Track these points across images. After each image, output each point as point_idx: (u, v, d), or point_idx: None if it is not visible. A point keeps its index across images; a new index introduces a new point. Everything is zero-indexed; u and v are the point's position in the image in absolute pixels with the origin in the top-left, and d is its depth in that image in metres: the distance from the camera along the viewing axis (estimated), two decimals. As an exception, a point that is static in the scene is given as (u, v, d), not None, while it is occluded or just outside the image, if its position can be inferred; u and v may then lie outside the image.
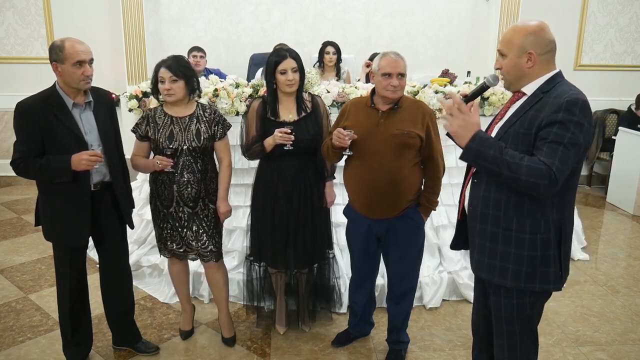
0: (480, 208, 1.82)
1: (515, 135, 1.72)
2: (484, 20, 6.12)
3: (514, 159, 1.63)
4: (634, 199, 5.22)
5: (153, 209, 2.69)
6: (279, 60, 2.55)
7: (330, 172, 2.76)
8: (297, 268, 2.77)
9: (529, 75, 1.77)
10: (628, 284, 3.71)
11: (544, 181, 1.60)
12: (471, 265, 1.94)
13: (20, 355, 2.75)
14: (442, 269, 3.42)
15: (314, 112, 2.66)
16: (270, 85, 2.62)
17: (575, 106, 1.63)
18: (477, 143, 1.66)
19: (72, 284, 2.51)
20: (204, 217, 2.65)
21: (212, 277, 2.80)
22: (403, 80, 2.39)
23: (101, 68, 3.59)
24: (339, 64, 4.95)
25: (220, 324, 2.90)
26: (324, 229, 2.80)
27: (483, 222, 1.82)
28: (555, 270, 1.77)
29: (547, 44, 1.74)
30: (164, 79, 2.50)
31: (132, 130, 2.63)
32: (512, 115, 1.78)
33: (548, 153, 1.62)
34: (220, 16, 6.01)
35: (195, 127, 2.57)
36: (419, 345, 2.89)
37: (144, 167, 2.65)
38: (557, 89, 1.71)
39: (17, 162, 2.31)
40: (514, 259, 1.77)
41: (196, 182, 2.58)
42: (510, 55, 1.76)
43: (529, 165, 1.61)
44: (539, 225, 1.74)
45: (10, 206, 5.22)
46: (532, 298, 1.82)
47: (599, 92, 6.29)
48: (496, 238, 1.79)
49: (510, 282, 1.79)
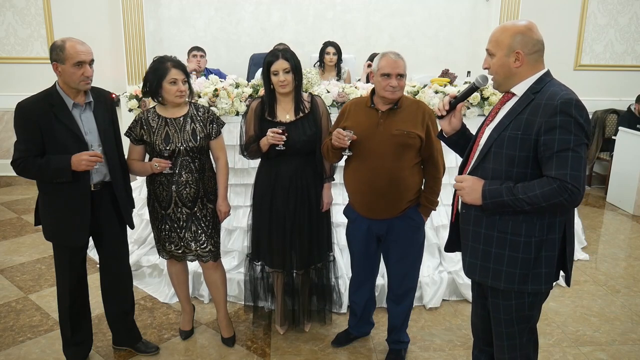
0: (474, 211, 1.81)
1: (511, 139, 1.71)
2: (484, 21, 6.12)
3: (526, 192, 1.66)
4: (634, 199, 5.22)
5: (151, 210, 2.68)
6: (271, 61, 2.55)
7: (329, 174, 2.74)
8: (294, 269, 2.77)
9: (517, 75, 1.76)
10: (628, 284, 3.71)
11: (564, 196, 1.62)
12: (463, 268, 1.94)
13: (20, 355, 2.75)
14: (442, 269, 3.43)
15: (312, 112, 2.65)
16: (267, 86, 2.62)
17: (570, 107, 1.63)
18: (489, 198, 1.72)
19: (72, 284, 2.51)
20: (202, 217, 2.65)
21: (210, 277, 2.80)
22: (402, 81, 2.38)
23: (101, 68, 3.60)
24: (339, 64, 4.95)
25: (219, 324, 2.91)
26: (323, 230, 2.78)
27: (477, 225, 1.82)
28: (547, 271, 1.77)
29: (534, 44, 1.74)
30: (177, 80, 2.49)
31: (126, 135, 2.61)
32: (504, 118, 1.77)
33: (558, 164, 1.63)
34: (220, 16, 6.01)
35: (190, 127, 2.57)
36: (419, 345, 2.89)
37: (141, 171, 2.62)
38: (548, 89, 1.71)
39: (17, 162, 2.31)
40: (508, 261, 1.77)
41: (194, 182, 2.58)
42: (498, 54, 1.76)
43: (542, 192, 1.63)
44: (534, 228, 1.74)
45: (10, 206, 5.22)
46: (530, 298, 1.82)
47: (599, 92, 6.29)
48: (490, 241, 1.79)
49: (503, 284, 1.79)
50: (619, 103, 6.23)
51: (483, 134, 1.85)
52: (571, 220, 1.81)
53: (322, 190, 2.73)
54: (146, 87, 2.55)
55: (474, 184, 1.76)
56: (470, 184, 1.76)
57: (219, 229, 2.76)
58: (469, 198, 1.77)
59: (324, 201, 2.73)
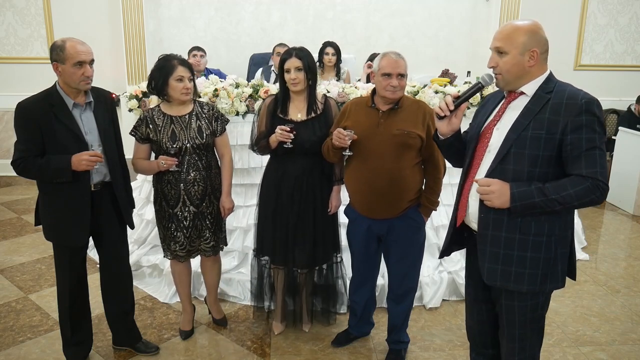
0: (492, 214, 1.77)
1: (534, 139, 1.69)
2: (484, 21, 6.12)
3: (559, 192, 1.65)
4: (634, 199, 5.22)
5: (158, 209, 2.69)
6: (284, 58, 2.57)
7: (339, 177, 2.72)
8: (297, 267, 2.77)
9: (528, 75, 1.74)
10: (628, 284, 3.71)
11: (596, 194, 1.64)
12: (482, 275, 1.86)
13: (20, 355, 2.75)
14: (442, 269, 3.43)
15: (324, 113, 2.65)
16: (281, 83, 2.64)
17: (594, 106, 1.66)
18: (518, 201, 1.69)
19: (72, 284, 2.51)
20: (209, 214, 2.69)
21: (208, 267, 2.88)
22: (403, 81, 2.38)
23: (101, 68, 3.59)
24: (338, 64, 4.95)
25: (210, 307, 3.02)
26: (328, 232, 2.76)
27: (496, 229, 1.78)
28: (562, 268, 1.79)
29: (545, 43, 1.75)
30: (183, 77, 2.52)
31: (131, 134, 2.62)
32: (521, 118, 1.73)
33: (588, 163, 1.64)
34: (220, 16, 6.01)
35: (196, 125, 2.59)
36: (419, 345, 2.89)
37: (147, 170, 2.65)
38: (563, 88, 1.71)
39: (17, 162, 2.31)
40: (530, 263, 1.75)
41: (202, 180, 2.61)
42: (512, 52, 1.73)
43: (575, 191, 1.64)
44: (554, 226, 1.74)
45: (10, 206, 5.22)
46: (543, 297, 1.83)
47: (599, 92, 6.19)
48: (512, 244, 1.76)
49: (526, 286, 1.77)
50: (619, 103, 6.24)
51: (491, 134, 1.81)
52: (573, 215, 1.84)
53: (331, 193, 2.72)
54: (152, 85, 2.57)
55: (502, 188, 1.71)
56: (499, 187, 1.71)
57: (222, 225, 2.80)
58: (498, 202, 1.71)
59: (332, 204, 2.72)
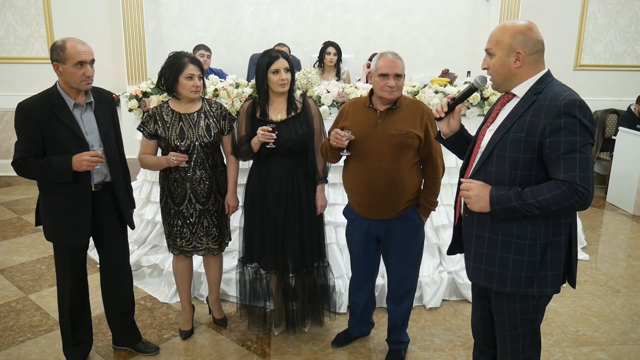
0: (477, 215, 1.79)
1: (514, 142, 1.69)
2: (484, 21, 6.12)
3: (535, 196, 1.63)
4: (634, 199, 5.22)
5: (163, 206, 2.71)
6: (271, 60, 2.55)
7: (322, 176, 2.70)
8: (287, 271, 2.73)
9: (517, 76, 1.74)
10: (628, 284, 3.71)
11: (574, 199, 1.61)
12: (467, 273, 1.92)
13: (20, 355, 2.75)
14: (442, 269, 3.43)
15: (304, 112, 2.65)
16: (261, 86, 2.61)
17: (574, 108, 1.62)
18: (497, 204, 1.69)
19: (72, 284, 2.51)
20: (215, 211, 2.71)
21: (212, 264, 2.89)
22: (400, 81, 2.38)
23: (101, 68, 3.59)
24: (338, 64, 4.96)
25: (211, 307, 3.02)
26: (314, 233, 2.73)
27: (480, 229, 1.80)
28: (554, 273, 1.75)
29: (535, 44, 1.72)
30: (194, 75, 2.53)
31: (139, 129, 2.63)
32: (506, 120, 1.74)
33: (566, 167, 1.61)
34: (220, 16, 6.02)
35: (204, 123, 2.61)
36: (419, 345, 2.89)
37: (155, 165, 2.67)
38: (550, 90, 1.69)
39: (18, 162, 2.31)
40: (513, 265, 1.75)
41: (208, 178, 2.64)
42: (498, 54, 1.74)
43: (552, 195, 1.62)
44: (539, 230, 1.72)
45: (10, 206, 5.22)
46: (535, 301, 1.80)
47: (599, 92, 6.29)
48: (494, 245, 1.77)
49: (509, 288, 1.77)
50: (619, 103, 6.24)
51: (484, 136, 1.82)
52: (575, 221, 1.80)
53: (316, 193, 2.70)
54: (162, 82, 2.59)
55: (480, 192, 1.72)
56: (477, 192, 1.72)
57: (227, 222, 2.83)
58: (476, 207, 1.73)
59: (318, 204, 2.70)
